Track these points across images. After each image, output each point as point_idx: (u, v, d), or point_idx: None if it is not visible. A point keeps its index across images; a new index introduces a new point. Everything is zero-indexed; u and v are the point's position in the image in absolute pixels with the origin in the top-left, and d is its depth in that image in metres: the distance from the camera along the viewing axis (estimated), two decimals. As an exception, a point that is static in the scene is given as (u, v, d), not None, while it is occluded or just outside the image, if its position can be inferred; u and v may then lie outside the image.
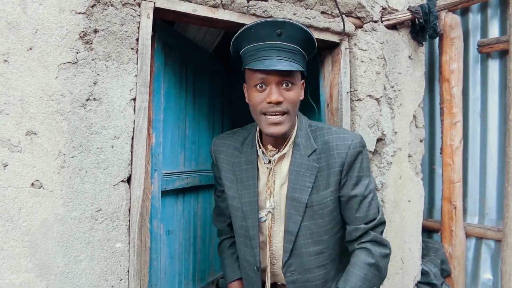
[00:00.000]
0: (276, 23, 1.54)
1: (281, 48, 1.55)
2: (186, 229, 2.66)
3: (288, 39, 1.55)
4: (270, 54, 1.54)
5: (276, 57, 1.53)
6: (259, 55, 1.55)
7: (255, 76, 1.57)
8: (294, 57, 1.56)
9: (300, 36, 1.57)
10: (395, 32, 2.80)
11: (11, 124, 1.55)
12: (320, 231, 1.70)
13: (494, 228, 3.23)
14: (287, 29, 1.54)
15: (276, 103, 1.55)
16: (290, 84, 1.57)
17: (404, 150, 2.84)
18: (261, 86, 1.57)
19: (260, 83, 1.57)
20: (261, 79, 1.56)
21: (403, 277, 2.87)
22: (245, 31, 1.58)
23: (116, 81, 1.77)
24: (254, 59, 1.56)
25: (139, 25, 1.84)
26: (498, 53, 3.27)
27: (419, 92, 2.97)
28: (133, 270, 1.81)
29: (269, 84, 1.56)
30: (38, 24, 1.61)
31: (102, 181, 1.73)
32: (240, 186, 1.77)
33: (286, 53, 1.55)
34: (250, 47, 1.58)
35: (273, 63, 1.51)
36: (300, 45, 1.59)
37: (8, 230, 1.54)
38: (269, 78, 1.55)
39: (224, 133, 1.95)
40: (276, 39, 1.54)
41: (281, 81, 1.55)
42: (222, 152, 1.85)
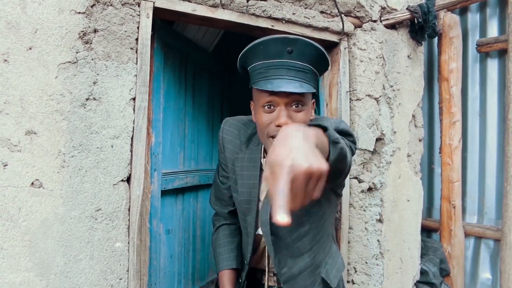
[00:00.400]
0: (287, 40, 1.43)
1: (291, 67, 1.44)
2: (185, 228, 2.66)
3: (299, 57, 1.45)
4: (280, 74, 1.43)
5: (287, 77, 1.43)
6: (268, 74, 1.45)
7: (263, 96, 1.47)
8: (305, 77, 1.46)
9: (312, 54, 1.47)
10: (394, 32, 2.80)
11: (11, 124, 1.55)
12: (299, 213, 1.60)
13: (493, 227, 3.23)
14: (299, 46, 1.44)
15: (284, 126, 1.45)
16: (300, 105, 1.48)
17: (403, 150, 2.85)
18: (269, 107, 1.48)
19: (268, 103, 1.47)
20: (269, 99, 1.46)
21: (402, 276, 2.87)
22: (253, 47, 1.48)
23: (115, 80, 1.77)
24: (262, 77, 1.46)
25: (139, 25, 1.85)
26: (497, 52, 3.27)
27: (418, 91, 2.97)
28: (132, 270, 1.81)
29: (277, 105, 1.47)
30: (38, 24, 1.61)
31: (102, 181, 1.73)
32: (240, 183, 1.74)
33: (297, 72, 1.45)
34: (258, 64, 1.48)
35: (283, 84, 1.41)
36: (312, 63, 1.49)
37: (8, 230, 1.54)
38: (277, 99, 1.45)
39: (234, 119, 1.84)
40: (286, 57, 1.44)
41: (291, 102, 1.46)
42: (230, 142, 1.78)
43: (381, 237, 2.72)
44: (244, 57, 1.54)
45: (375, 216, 2.68)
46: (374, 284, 2.69)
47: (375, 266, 2.69)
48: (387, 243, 2.76)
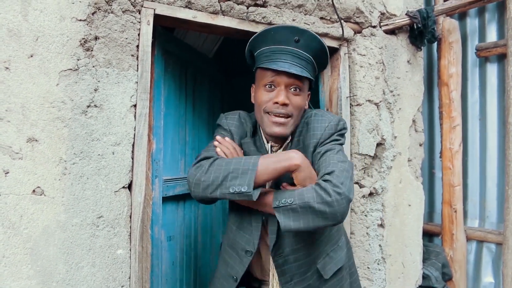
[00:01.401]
0: (296, 29, 1.59)
1: (296, 55, 1.60)
2: (187, 235, 2.66)
3: (304, 47, 1.60)
4: (285, 58, 1.59)
5: (290, 62, 1.58)
6: (275, 57, 1.60)
7: (266, 76, 1.61)
8: (306, 66, 1.61)
9: (316, 47, 1.63)
10: (393, 37, 2.81)
11: (12, 131, 1.55)
12: None
13: (495, 231, 3.23)
14: (306, 37, 1.59)
15: (282, 104, 1.58)
16: (298, 89, 1.62)
17: (403, 155, 2.85)
18: (270, 87, 1.62)
19: (270, 83, 1.61)
20: (272, 79, 1.60)
21: (404, 281, 2.87)
22: (265, 32, 1.63)
23: (116, 87, 1.77)
24: (268, 60, 1.61)
25: (139, 32, 1.86)
26: (496, 57, 3.28)
27: (418, 96, 2.98)
28: (134, 277, 1.81)
29: (278, 86, 1.60)
30: (39, 31, 1.61)
31: (103, 188, 1.73)
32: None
33: (300, 60, 1.60)
34: (266, 48, 1.63)
35: (286, 66, 1.56)
36: (314, 55, 1.64)
37: (10, 237, 1.54)
38: (279, 79, 1.59)
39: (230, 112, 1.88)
40: (293, 45, 1.59)
41: (291, 84, 1.60)
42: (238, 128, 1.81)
43: (383, 242, 2.71)
44: (254, 41, 1.68)
45: (376, 221, 2.68)
46: (376, 289, 2.68)
47: (377, 271, 2.68)
48: (389, 248, 2.75)
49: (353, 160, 2.56)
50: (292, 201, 1.46)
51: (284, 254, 1.75)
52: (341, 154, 1.62)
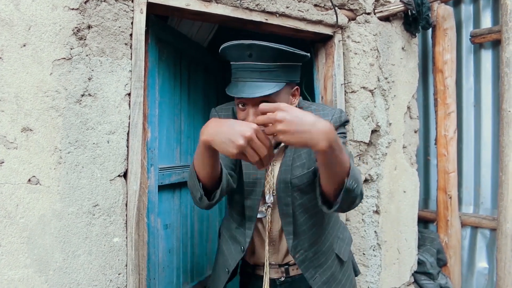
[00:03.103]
0: (243, 45, 1.48)
1: (254, 69, 1.50)
2: (183, 223, 2.67)
3: (260, 59, 1.49)
4: (244, 76, 1.51)
5: (249, 79, 1.49)
6: (237, 75, 1.53)
7: (235, 98, 1.55)
8: (270, 76, 1.50)
9: (272, 54, 1.49)
10: (388, 24, 2.81)
11: (6, 121, 1.55)
12: (314, 203, 1.71)
13: (489, 217, 3.26)
14: (256, 50, 1.48)
15: None
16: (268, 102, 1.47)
17: (398, 141, 2.86)
18: (242, 105, 1.55)
19: (240, 103, 1.55)
20: (239, 100, 1.54)
21: (399, 267, 2.89)
22: (222, 50, 1.56)
23: (110, 76, 1.77)
24: (233, 79, 1.55)
25: (133, 20, 1.85)
26: (490, 43, 3.29)
27: (413, 83, 2.98)
28: (131, 264, 1.82)
29: (247, 105, 1.53)
30: (31, 20, 1.61)
31: (99, 176, 1.74)
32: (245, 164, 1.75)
33: (261, 73, 1.49)
34: (231, 64, 1.57)
35: (245, 88, 1.48)
36: (277, 60, 1.51)
37: (6, 227, 1.55)
38: (245, 101, 1.52)
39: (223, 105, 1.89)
40: (248, 59, 1.50)
41: (258, 101, 1.49)
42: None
43: (378, 229, 2.74)
44: (222, 56, 1.61)
45: (371, 207, 2.70)
46: (372, 275, 2.70)
47: (372, 257, 2.71)
48: (384, 234, 2.78)
49: (348, 147, 2.57)
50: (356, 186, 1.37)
51: (303, 251, 1.79)
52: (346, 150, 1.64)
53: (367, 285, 2.69)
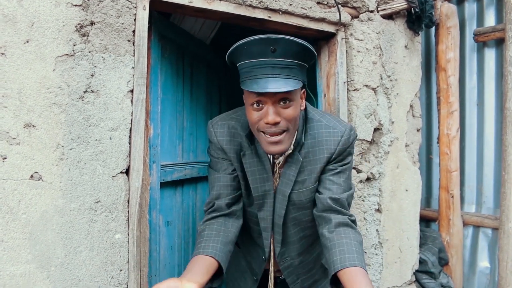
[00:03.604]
0: (269, 40, 1.44)
1: (276, 65, 1.45)
2: (185, 220, 2.67)
3: (283, 55, 1.46)
4: (265, 72, 1.45)
5: (271, 76, 1.45)
6: (254, 73, 1.47)
7: (251, 95, 1.50)
8: (290, 73, 1.48)
9: (296, 50, 1.48)
10: (391, 22, 2.80)
11: (9, 117, 1.56)
12: (308, 218, 1.75)
13: (491, 216, 3.25)
14: (282, 45, 1.44)
15: (273, 124, 1.48)
16: (288, 101, 1.49)
17: (401, 140, 2.85)
18: (258, 105, 1.50)
19: (256, 102, 1.50)
20: (257, 99, 1.48)
21: (401, 265, 2.89)
22: (238, 47, 1.50)
23: (113, 73, 1.77)
24: (249, 77, 1.48)
25: (135, 17, 1.85)
26: (494, 41, 3.27)
27: (416, 81, 2.97)
28: (132, 261, 1.82)
29: (265, 104, 1.49)
30: (35, 17, 1.61)
31: (101, 173, 1.74)
32: (251, 180, 1.72)
33: (282, 69, 1.46)
34: (244, 63, 1.50)
35: (268, 84, 1.43)
36: (297, 58, 1.49)
37: (8, 222, 1.55)
38: (264, 98, 1.47)
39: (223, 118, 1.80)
40: (270, 55, 1.45)
41: (278, 100, 1.48)
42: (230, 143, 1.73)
43: (380, 227, 2.73)
44: (231, 56, 1.56)
45: (373, 206, 2.70)
46: (373, 273, 2.70)
47: (374, 256, 2.71)
48: (386, 232, 2.77)
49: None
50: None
51: (289, 259, 1.84)
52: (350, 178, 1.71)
53: (368, 283, 2.69)
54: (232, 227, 1.72)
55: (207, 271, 1.47)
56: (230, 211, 1.73)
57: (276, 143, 1.52)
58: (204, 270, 1.46)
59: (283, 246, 1.81)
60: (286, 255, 1.82)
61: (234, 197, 1.75)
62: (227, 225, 1.71)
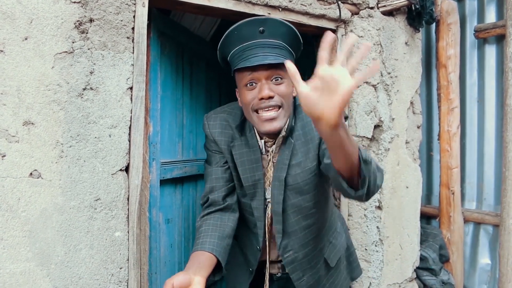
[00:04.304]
0: (257, 20, 1.53)
1: (265, 45, 1.53)
2: (185, 218, 2.67)
3: (272, 36, 1.54)
4: (256, 52, 1.52)
5: (262, 54, 1.52)
6: (245, 54, 1.54)
7: (244, 75, 1.56)
8: (280, 52, 1.54)
9: (283, 31, 1.56)
10: (391, 19, 2.79)
11: (8, 115, 1.55)
12: (309, 205, 1.74)
13: (492, 213, 3.25)
14: (269, 25, 1.53)
15: (267, 98, 1.53)
16: (280, 78, 1.56)
17: (401, 137, 2.85)
18: (251, 84, 1.57)
19: (250, 81, 1.56)
20: (250, 77, 1.55)
21: (402, 262, 2.89)
22: (229, 34, 1.57)
23: (112, 70, 1.76)
24: (241, 59, 1.55)
25: (135, 14, 1.84)
26: (495, 38, 3.27)
27: (416, 78, 2.97)
28: (132, 259, 1.82)
29: (258, 81, 1.55)
30: (33, 14, 1.60)
31: (100, 170, 1.73)
32: (242, 170, 1.76)
33: (272, 49, 1.53)
34: (235, 49, 1.57)
35: (260, 59, 1.50)
36: (285, 40, 1.57)
37: (8, 220, 1.55)
38: (258, 75, 1.54)
39: (216, 112, 1.87)
40: (259, 37, 1.53)
41: (270, 76, 1.55)
42: (221, 135, 1.79)
43: (381, 224, 2.73)
44: (223, 47, 1.63)
45: (374, 203, 2.69)
46: (374, 270, 2.70)
47: (374, 253, 2.70)
48: (387, 229, 2.77)
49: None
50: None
51: (293, 252, 1.81)
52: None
53: (369, 281, 2.69)
54: (229, 221, 1.77)
55: (207, 265, 1.53)
56: (225, 205, 1.78)
57: (272, 120, 1.55)
58: (204, 265, 1.52)
59: (285, 237, 1.78)
60: (289, 247, 1.79)
61: (227, 189, 1.80)
62: (223, 220, 1.76)
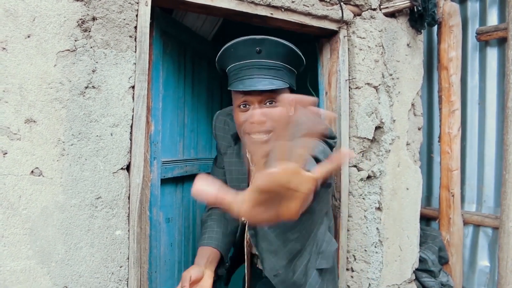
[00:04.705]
0: (254, 40, 1.49)
1: (262, 66, 1.49)
2: (185, 217, 2.67)
3: (269, 56, 1.50)
4: (251, 73, 1.49)
5: (257, 76, 1.48)
6: (241, 74, 1.51)
7: (238, 96, 1.54)
8: (276, 74, 1.51)
9: (281, 51, 1.52)
10: (393, 20, 2.79)
11: (10, 112, 1.55)
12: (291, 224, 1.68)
13: (492, 215, 3.25)
14: (267, 45, 1.49)
15: (258, 123, 1.50)
16: (274, 102, 1.52)
17: (402, 138, 2.85)
18: (244, 106, 1.55)
19: (243, 103, 1.54)
20: (244, 99, 1.53)
21: (401, 264, 2.89)
22: (225, 50, 1.55)
23: (114, 69, 1.76)
24: (236, 79, 1.53)
25: (137, 13, 1.84)
26: (496, 41, 3.27)
27: (418, 80, 2.97)
28: (133, 257, 1.82)
29: (251, 104, 1.53)
30: (36, 11, 1.60)
31: (102, 169, 1.73)
32: (229, 178, 1.81)
33: (268, 70, 1.50)
34: (232, 66, 1.55)
35: (253, 83, 1.47)
36: (283, 60, 1.53)
37: (9, 218, 1.55)
38: (251, 98, 1.51)
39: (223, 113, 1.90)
40: (256, 57, 1.49)
41: (264, 100, 1.51)
42: (222, 138, 1.84)
43: (380, 225, 2.73)
44: (220, 60, 1.62)
45: (374, 204, 2.69)
46: (373, 271, 2.70)
47: (374, 254, 2.71)
48: (386, 231, 2.77)
49: (351, 143, 2.56)
50: None
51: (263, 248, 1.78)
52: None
53: (368, 282, 2.69)
54: (231, 219, 1.88)
55: (214, 260, 1.74)
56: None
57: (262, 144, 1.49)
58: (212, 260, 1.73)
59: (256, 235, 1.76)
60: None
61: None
62: (226, 215, 1.88)
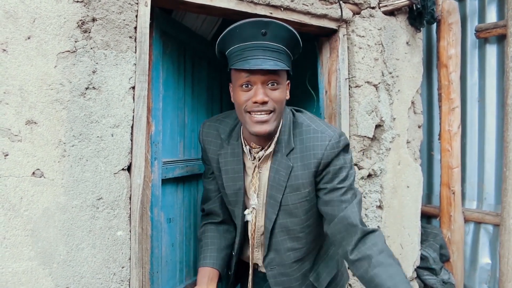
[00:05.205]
0: (260, 22, 1.53)
1: (266, 48, 1.53)
2: (186, 217, 2.67)
3: (273, 39, 1.54)
4: (256, 54, 1.53)
5: (262, 57, 1.52)
6: (245, 55, 1.54)
7: (241, 76, 1.56)
8: (279, 57, 1.55)
9: (285, 35, 1.56)
10: (392, 18, 2.79)
11: (11, 114, 1.55)
12: (297, 228, 1.76)
13: (493, 212, 3.25)
14: (272, 28, 1.53)
15: (261, 103, 1.54)
16: (275, 83, 1.57)
17: (402, 136, 2.85)
18: (246, 86, 1.57)
19: (246, 83, 1.56)
20: (247, 79, 1.55)
21: (402, 262, 2.89)
22: (230, 31, 1.57)
23: (115, 69, 1.76)
24: (239, 59, 1.55)
25: (137, 13, 1.84)
26: (496, 38, 3.27)
27: (417, 78, 2.97)
28: (134, 258, 1.82)
29: (254, 84, 1.56)
30: (36, 13, 1.60)
31: (103, 170, 1.73)
32: (225, 178, 1.81)
33: (272, 52, 1.54)
34: (235, 47, 1.57)
35: (259, 63, 1.51)
36: (285, 44, 1.57)
37: (10, 219, 1.55)
38: (254, 78, 1.54)
39: (211, 120, 1.93)
40: (261, 38, 1.53)
41: (267, 80, 1.55)
42: (211, 143, 1.85)
43: (381, 223, 2.73)
44: (222, 42, 1.63)
45: (375, 202, 2.70)
46: (375, 270, 2.70)
47: (375, 252, 2.70)
48: (387, 229, 2.77)
49: (351, 141, 2.56)
50: None
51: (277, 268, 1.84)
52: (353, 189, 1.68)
53: (369, 280, 2.69)
54: (224, 232, 1.95)
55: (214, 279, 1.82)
56: (220, 217, 1.96)
57: (263, 122, 1.57)
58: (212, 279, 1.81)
59: (270, 253, 1.82)
60: (273, 263, 1.83)
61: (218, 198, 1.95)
62: (219, 231, 1.95)
